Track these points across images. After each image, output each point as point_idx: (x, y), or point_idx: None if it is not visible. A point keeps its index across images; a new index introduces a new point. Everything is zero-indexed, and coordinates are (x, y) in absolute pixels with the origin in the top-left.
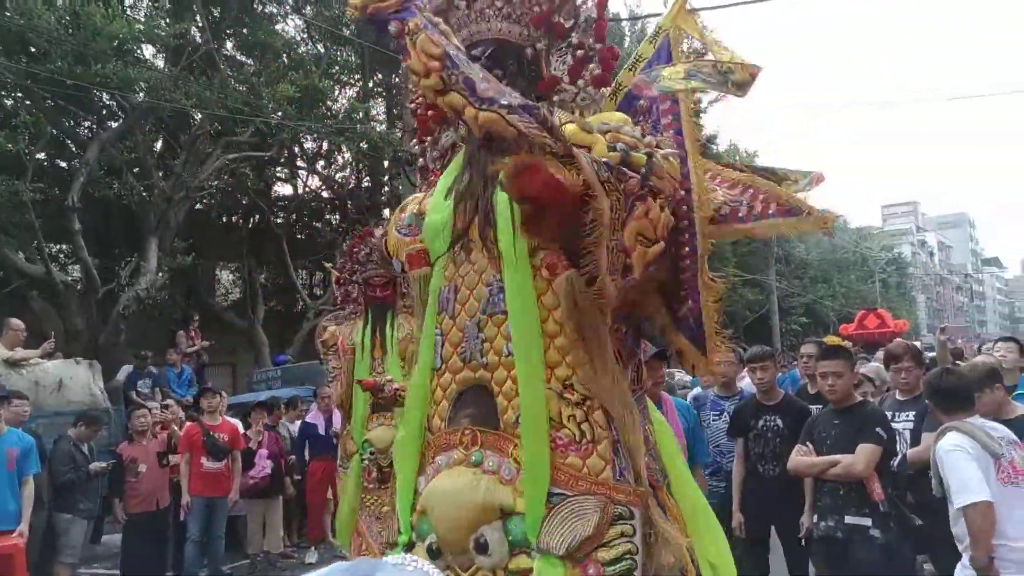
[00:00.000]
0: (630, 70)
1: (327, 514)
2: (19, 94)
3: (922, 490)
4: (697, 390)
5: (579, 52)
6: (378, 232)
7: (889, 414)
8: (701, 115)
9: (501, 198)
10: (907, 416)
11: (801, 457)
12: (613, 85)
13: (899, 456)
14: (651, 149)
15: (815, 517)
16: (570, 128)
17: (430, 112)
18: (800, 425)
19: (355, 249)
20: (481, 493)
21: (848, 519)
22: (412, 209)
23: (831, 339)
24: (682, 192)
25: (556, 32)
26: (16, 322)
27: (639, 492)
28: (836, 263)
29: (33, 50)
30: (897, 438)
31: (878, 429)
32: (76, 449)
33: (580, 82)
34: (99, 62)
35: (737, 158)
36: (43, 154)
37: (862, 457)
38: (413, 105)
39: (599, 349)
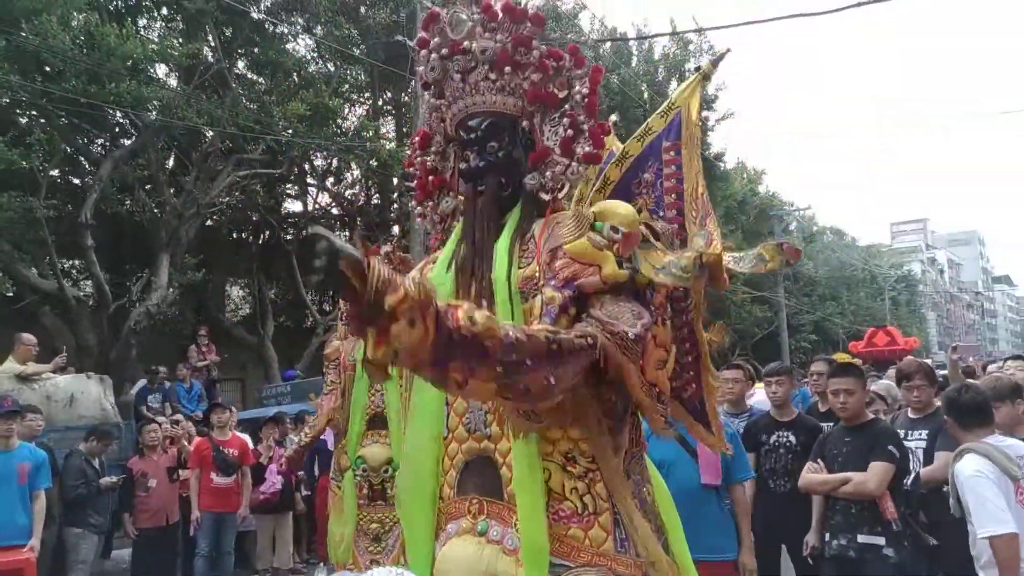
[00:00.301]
0: (639, 141)
1: None
2: (34, 112)
3: (936, 509)
4: None
5: (570, 130)
6: (384, 249)
7: (901, 432)
8: (707, 134)
9: (499, 275)
10: (920, 435)
11: (812, 474)
12: (621, 152)
13: (912, 475)
14: (666, 261)
15: (827, 535)
16: (580, 245)
17: (430, 177)
18: (813, 443)
19: None
20: (484, 563)
21: (861, 538)
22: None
23: (841, 356)
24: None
25: (549, 103)
26: (28, 337)
27: (639, 563)
28: (845, 280)
29: (48, 69)
30: (910, 456)
31: (890, 447)
32: (87, 464)
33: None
34: (113, 81)
35: (744, 176)
36: (57, 171)
37: (874, 475)
38: (412, 168)
39: (597, 424)
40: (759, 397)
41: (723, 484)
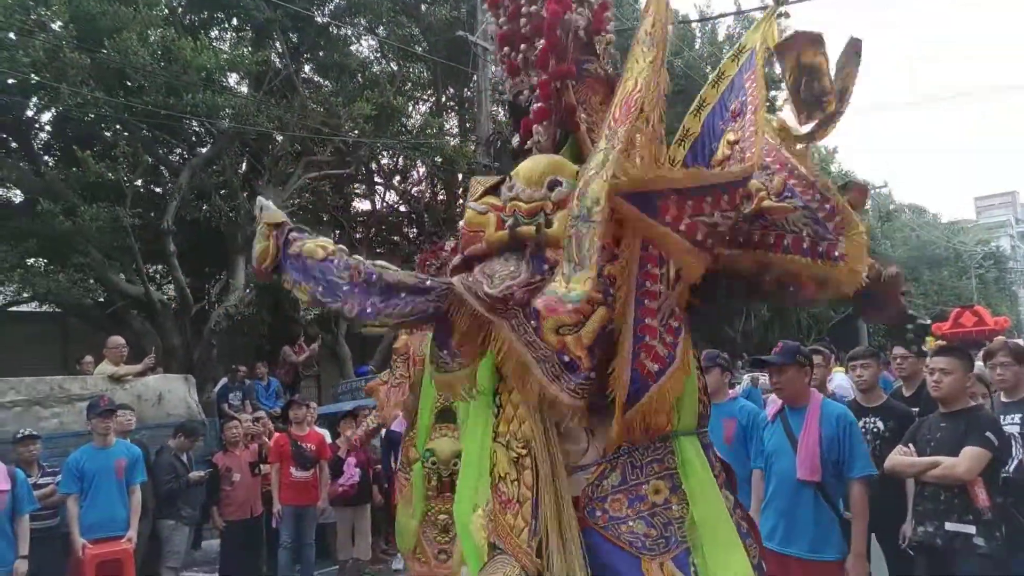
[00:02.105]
0: (713, 87)
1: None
2: (118, 126)
3: None
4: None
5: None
6: (449, 244)
7: None
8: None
9: None
10: (1013, 419)
11: (899, 457)
12: (696, 101)
13: (1015, 461)
14: (548, 215)
15: (913, 522)
16: (467, 215)
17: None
18: (902, 429)
19: (427, 262)
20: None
21: (949, 526)
22: None
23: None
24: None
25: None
26: (117, 339)
27: (536, 564)
28: (926, 260)
29: (129, 84)
30: (1013, 444)
31: (988, 434)
32: (176, 459)
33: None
34: (189, 92)
35: (815, 155)
36: (140, 181)
37: (965, 459)
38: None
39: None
40: (838, 381)
41: (836, 480)
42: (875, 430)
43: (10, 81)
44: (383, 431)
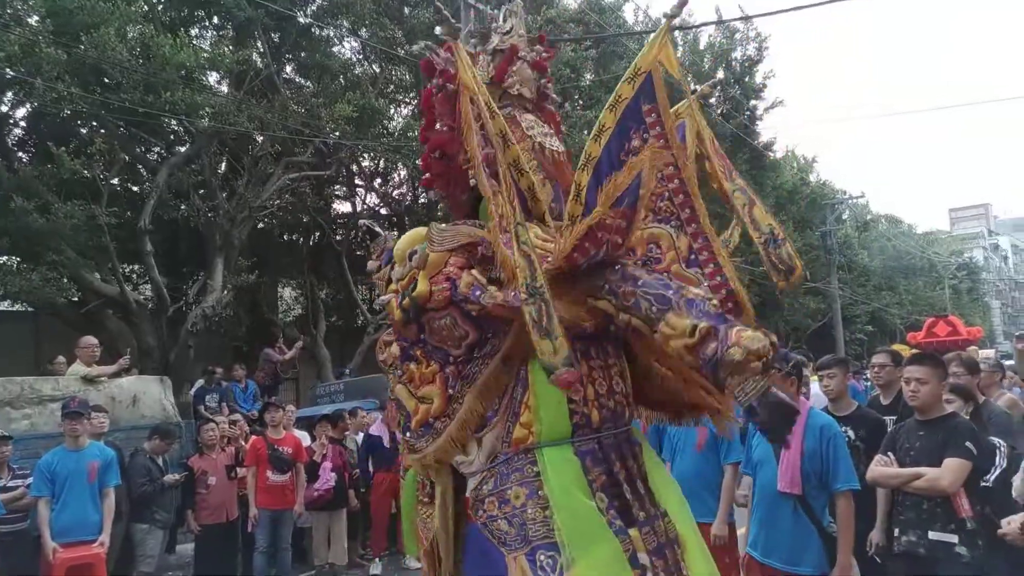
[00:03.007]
0: (611, 110)
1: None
2: (94, 123)
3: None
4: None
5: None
6: None
7: None
8: (756, 123)
9: None
10: None
11: (882, 468)
12: (596, 126)
13: (997, 470)
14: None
15: (896, 531)
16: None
17: None
18: (874, 437)
19: None
20: None
21: (932, 535)
22: None
23: (901, 348)
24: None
25: None
26: (89, 339)
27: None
28: (902, 270)
29: (107, 81)
30: (998, 453)
31: (968, 444)
32: (152, 462)
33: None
34: (167, 90)
35: (794, 164)
36: (117, 179)
37: (949, 472)
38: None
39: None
40: (814, 390)
41: (819, 492)
42: (847, 439)
43: None
44: (361, 435)
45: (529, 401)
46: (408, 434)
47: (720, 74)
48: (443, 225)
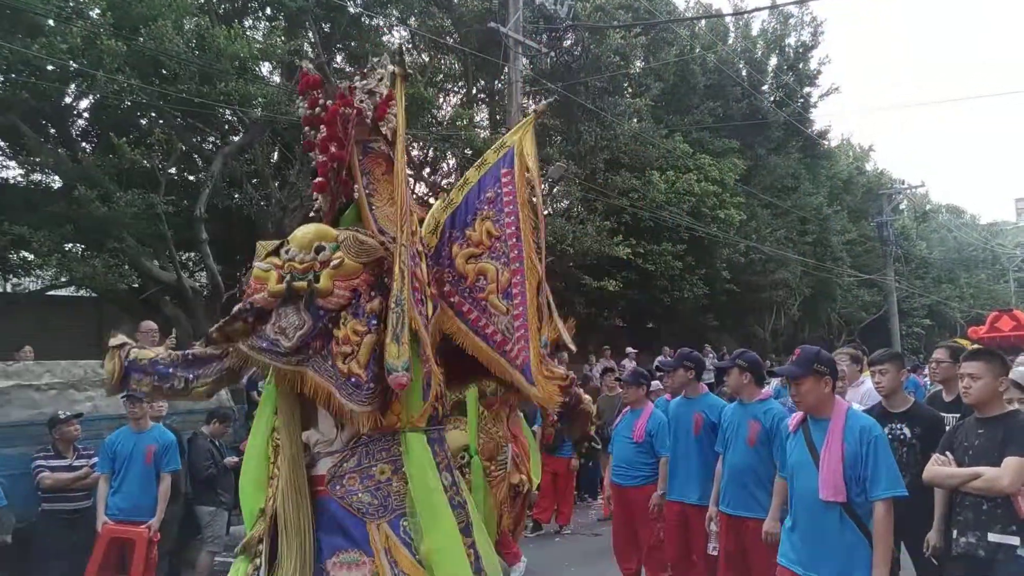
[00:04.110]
0: (477, 169)
1: None
2: (153, 114)
3: None
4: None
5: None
6: None
7: None
8: (809, 111)
9: None
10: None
11: (939, 467)
12: (463, 179)
13: None
14: (316, 272)
15: (954, 532)
16: (254, 271)
17: None
18: (931, 435)
19: None
20: None
21: (992, 536)
22: None
23: (962, 342)
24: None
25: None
26: (149, 324)
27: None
28: (963, 262)
29: (164, 72)
30: None
31: None
32: (212, 444)
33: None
34: (222, 81)
35: (850, 153)
36: (174, 169)
37: (1009, 471)
38: None
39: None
40: (869, 385)
41: (865, 498)
42: (902, 436)
43: (49, 68)
44: None
45: (400, 393)
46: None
47: (773, 60)
48: (358, 235)
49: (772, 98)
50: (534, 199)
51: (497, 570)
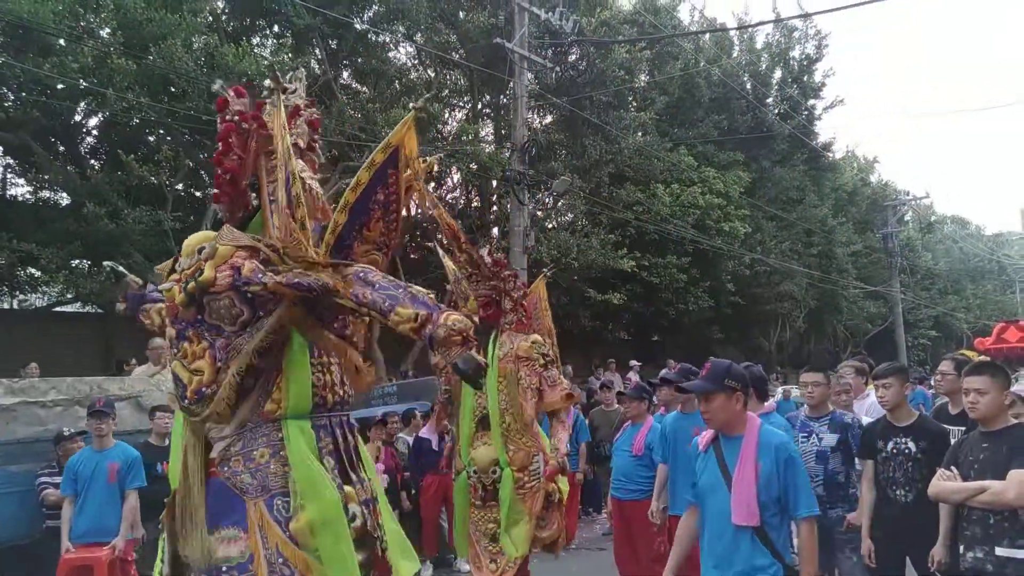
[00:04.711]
0: (367, 171)
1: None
2: (161, 131)
3: None
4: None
5: None
6: (483, 251)
7: None
8: (814, 124)
9: None
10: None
11: (944, 482)
12: (354, 181)
13: None
14: (200, 268)
15: (961, 547)
16: (165, 293)
17: None
18: (935, 449)
19: (457, 270)
20: None
21: (1000, 551)
22: None
23: (969, 354)
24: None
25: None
26: (158, 340)
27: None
28: (969, 272)
29: (173, 90)
30: None
31: None
32: None
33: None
34: None
35: (855, 165)
36: (181, 185)
37: (1015, 484)
38: None
39: None
40: (874, 399)
41: (780, 520)
42: (907, 451)
43: (59, 86)
44: (411, 438)
45: (281, 382)
46: (185, 401)
47: (778, 73)
48: (231, 227)
49: (777, 111)
50: (416, 199)
51: (407, 548)
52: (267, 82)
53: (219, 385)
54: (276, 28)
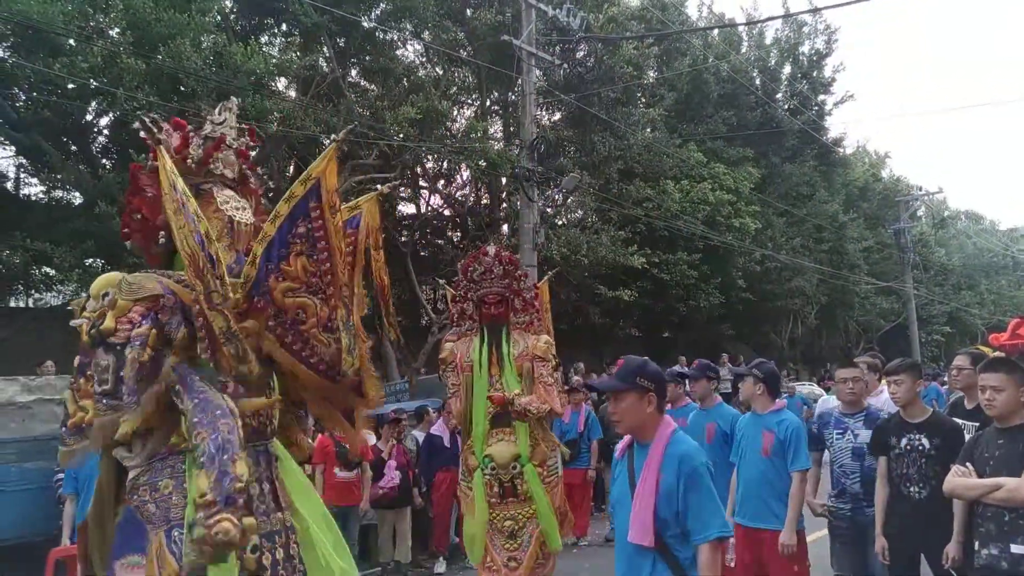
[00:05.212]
0: (286, 203)
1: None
2: None
3: None
4: (824, 406)
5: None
6: (491, 249)
7: None
8: (824, 119)
9: None
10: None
11: (959, 478)
12: (273, 213)
13: None
14: (103, 316)
15: (976, 544)
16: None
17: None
18: (949, 445)
19: (469, 268)
20: None
21: (1015, 548)
22: None
23: (983, 349)
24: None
25: None
26: None
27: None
28: (983, 268)
29: (183, 89)
30: None
31: None
32: None
33: None
34: (239, 97)
35: (866, 160)
36: None
37: None
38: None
39: None
40: (887, 396)
41: (684, 540)
42: (920, 447)
43: (70, 86)
44: (423, 434)
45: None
46: (63, 430)
47: (787, 68)
48: (132, 277)
49: (786, 106)
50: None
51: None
52: (231, 111)
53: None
54: (284, 27)
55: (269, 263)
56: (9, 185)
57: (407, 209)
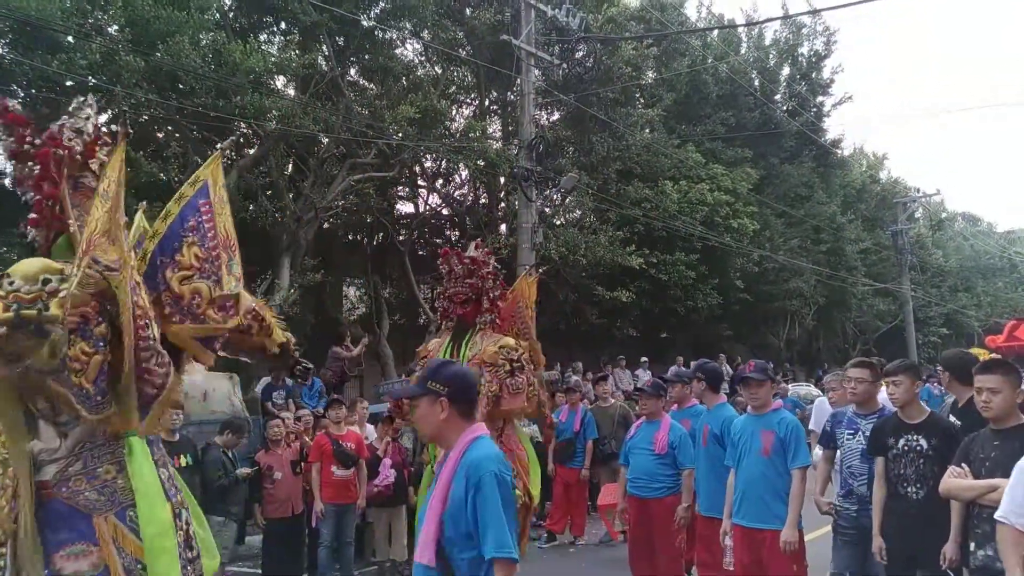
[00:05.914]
0: (176, 203)
1: None
2: (169, 128)
3: None
4: (822, 407)
5: None
6: (471, 246)
7: None
8: (822, 120)
9: None
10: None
11: (955, 479)
12: (164, 211)
13: None
14: (45, 301)
15: (972, 545)
16: None
17: None
18: (946, 446)
19: (442, 266)
20: None
21: None
22: None
23: (979, 352)
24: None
25: None
26: None
27: (11, 527)
28: (980, 270)
29: (181, 87)
30: None
31: None
32: (225, 455)
33: None
34: (237, 95)
35: (864, 162)
36: None
37: None
38: None
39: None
40: (885, 396)
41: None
42: (918, 448)
43: (68, 83)
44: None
45: (120, 405)
46: None
47: (786, 70)
48: (87, 271)
49: (785, 107)
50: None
51: (212, 547)
52: (91, 107)
53: None
54: (283, 25)
55: (163, 257)
56: (7, 181)
57: (405, 208)
